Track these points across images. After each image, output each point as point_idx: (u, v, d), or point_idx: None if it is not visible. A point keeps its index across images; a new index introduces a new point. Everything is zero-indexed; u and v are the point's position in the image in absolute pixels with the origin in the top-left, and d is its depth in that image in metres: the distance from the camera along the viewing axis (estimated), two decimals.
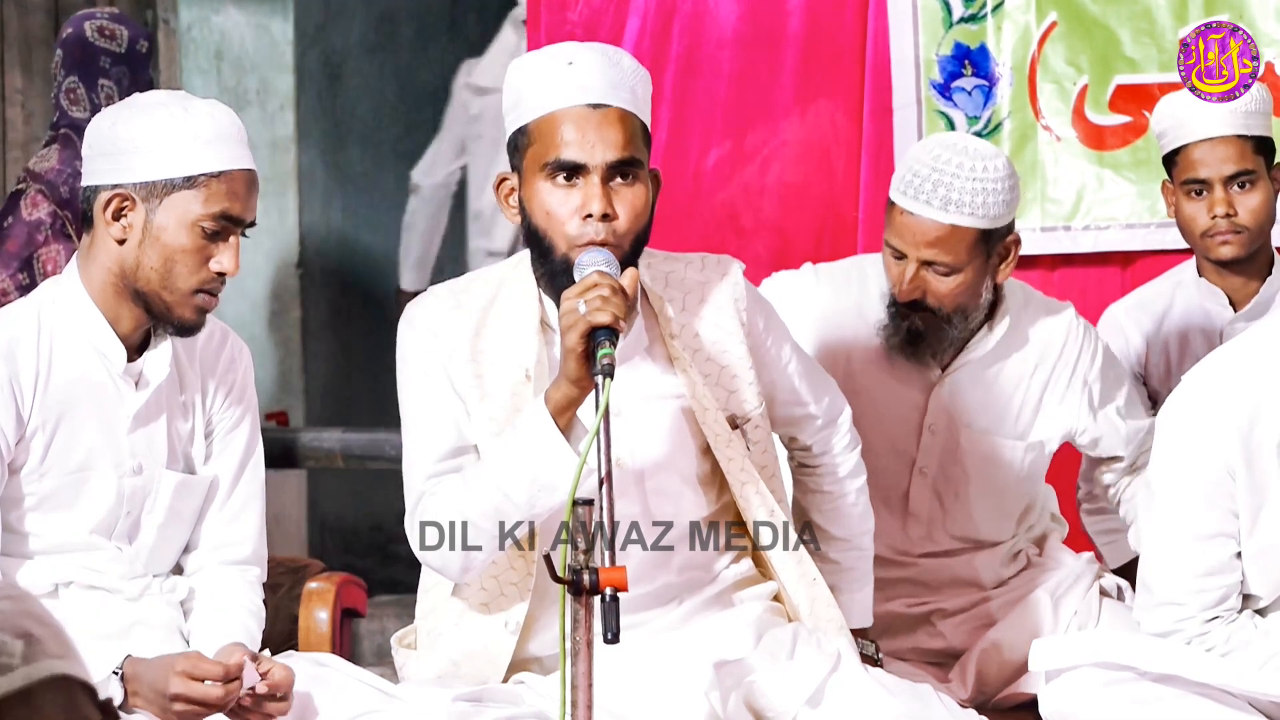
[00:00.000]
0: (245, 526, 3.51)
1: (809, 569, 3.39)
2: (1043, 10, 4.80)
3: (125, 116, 3.32)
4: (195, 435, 3.49)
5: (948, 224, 3.81)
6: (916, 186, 3.83)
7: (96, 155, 3.33)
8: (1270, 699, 3.41)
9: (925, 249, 3.83)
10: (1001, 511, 4.07)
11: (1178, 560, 3.47)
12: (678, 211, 4.85)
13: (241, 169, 3.31)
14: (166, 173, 3.28)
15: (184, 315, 3.33)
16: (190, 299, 3.32)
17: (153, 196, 3.29)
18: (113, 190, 3.30)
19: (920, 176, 3.83)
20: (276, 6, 6.83)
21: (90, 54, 5.24)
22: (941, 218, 3.81)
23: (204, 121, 3.30)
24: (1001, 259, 3.89)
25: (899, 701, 3.21)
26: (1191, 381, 3.51)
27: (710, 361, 3.36)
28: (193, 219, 3.28)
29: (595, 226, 3.17)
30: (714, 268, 3.43)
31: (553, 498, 3.12)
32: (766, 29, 4.93)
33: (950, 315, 3.89)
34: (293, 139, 6.83)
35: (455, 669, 3.30)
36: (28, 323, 3.36)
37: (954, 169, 3.81)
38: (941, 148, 3.88)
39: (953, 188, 3.80)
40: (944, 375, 3.99)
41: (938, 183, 3.81)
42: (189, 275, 3.30)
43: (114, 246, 3.32)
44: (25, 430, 3.33)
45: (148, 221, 3.29)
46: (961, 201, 3.80)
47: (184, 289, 3.31)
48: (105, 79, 5.20)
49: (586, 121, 3.20)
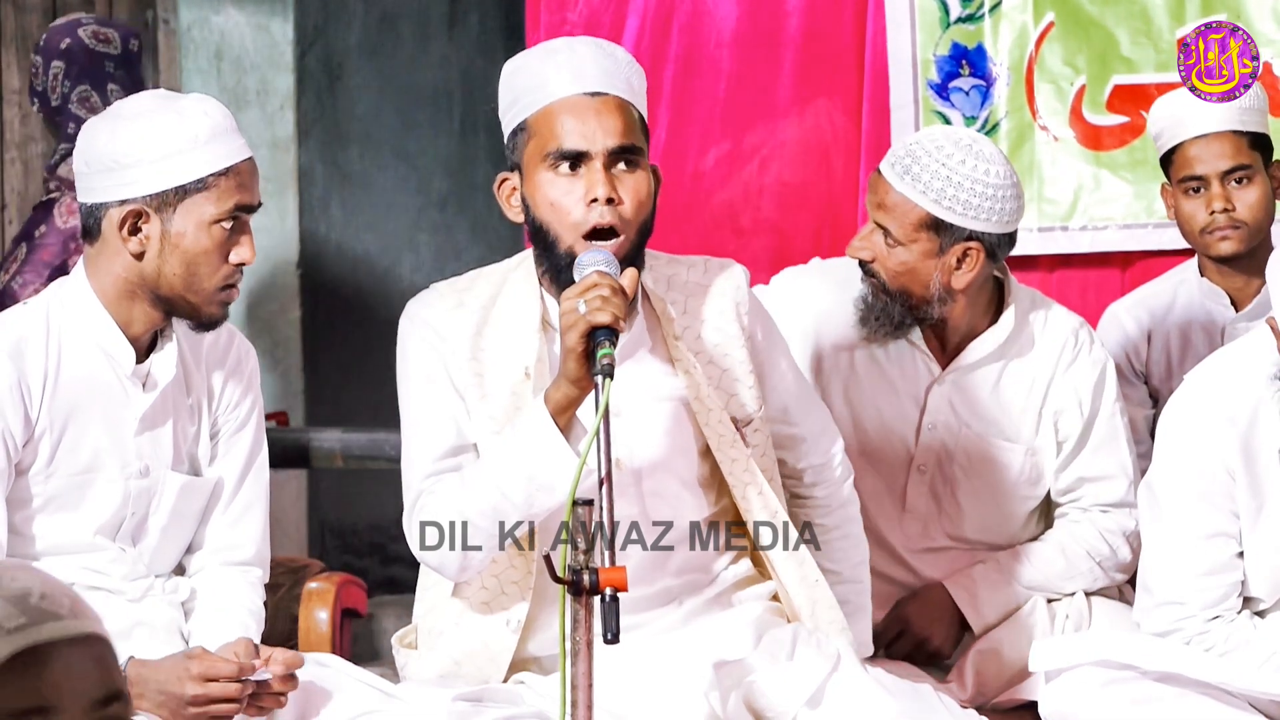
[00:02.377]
0: (249, 527, 3.52)
1: (810, 570, 3.38)
2: (1040, 10, 4.80)
3: (119, 130, 3.31)
4: (201, 436, 3.49)
5: (900, 192, 3.83)
6: (897, 155, 3.89)
7: (95, 172, 3.31)
8: (1270, 698, 3.41)
9: (877, 211, 3.88)
10: (1001, 514, 4.05)
11: (1179, 559, 3.48)
12: (677, 211, 4.85)
13: (244, 159, 3.33)
14: (175, 180, 3.28)
15: (211, 313, 3.36)
16: (216, 296, 3.34)
17: (165, 206, 3.29)
18: (122, 206, 3.30)
19: (904, 148, 3.89)
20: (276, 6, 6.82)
21: (95, 60, 5.29)
22: (896, 184, 3.85)
23: (199, 121, 3.30)
24: (958, 261, 3.88)
25: (899, 702, 3.22)
26: (1192, 383, 3.52)
27: (712, 364, 3.36)
28: (209, 220, 3.29)
29: (601, 210, 3.17)
30: (717, 271, 3.43)
31: (551, 497, 3.12)
32: (766, 29, 4.93)
33: (893, 291, 3.90)
34: (293, 139, 6.82)
35: (456, 668, 3.30)
36: (36, 323, 3.36)
37: (932, 149, 3.84)
38: (940, 131, 3.94)
39: (921, 164, 3.83)
40: (944, 374, 4.00)
41: (913, 156, 3.85)
42: (212, 274, 3.32)
43: (130, 259, 3.31)
44: (33, 431, 3.33)
45: (165, 231, 3.29)
46: (920, 177, 3.82)
47: (209, 289, 3.32)
48: (111, 82, 5.26)
49: (585, 109, 3.20)
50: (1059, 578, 3.98)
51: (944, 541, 4.05)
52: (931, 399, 3.99)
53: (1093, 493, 4.03)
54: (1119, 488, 4.01)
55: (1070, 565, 3.98)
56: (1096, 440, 4.01)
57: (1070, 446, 4.01)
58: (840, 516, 3.61)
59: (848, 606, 3.50)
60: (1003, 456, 4.00)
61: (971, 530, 4.05)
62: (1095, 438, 4.01)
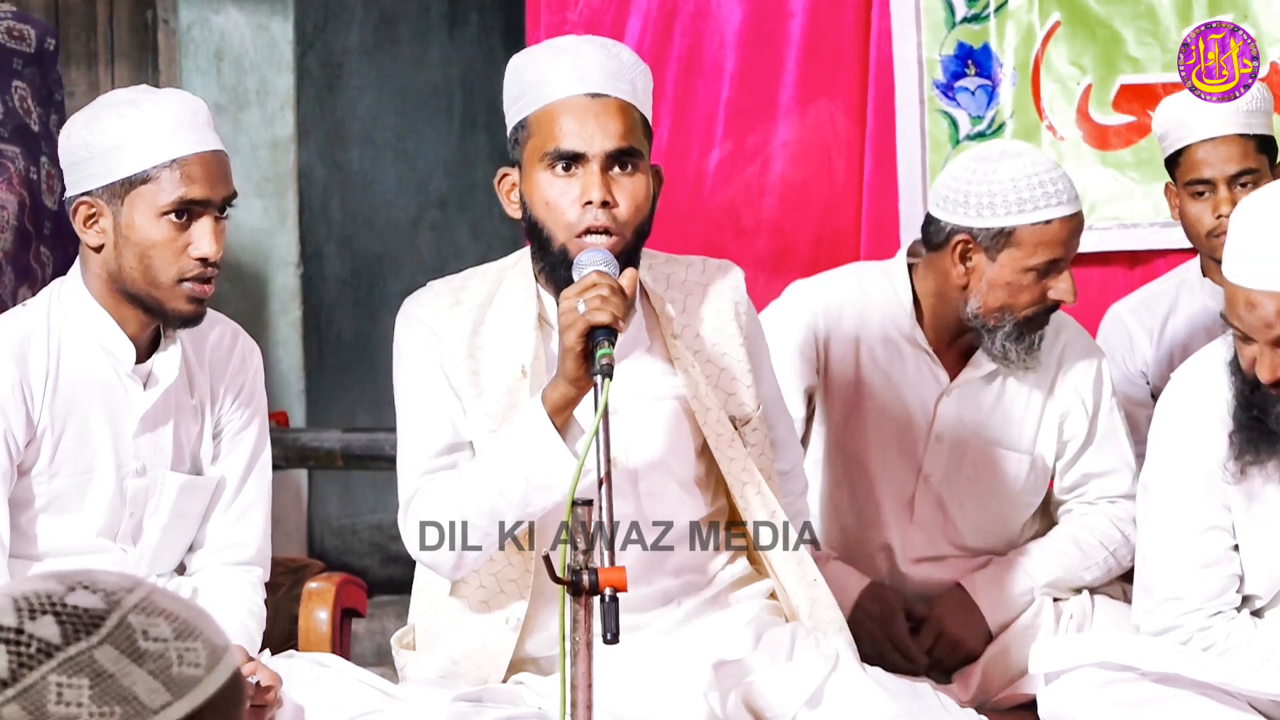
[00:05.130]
0: (250, 527, 3.51)
1: (809, 569, 3.38)
2: (1046, 10, 4.80)
3: (83, 122, 3.33)
4: (204, 436, 3.48)
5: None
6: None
7: (67, 166, 3.35)
8: (1270, 698, 3.40)
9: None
10: (1002, 522, 4.05)
11: (1176, 555, 3.48)
12: (678, 211, 4.84)
13: (195, 153, 3.29)
14: (122, 172, 3.28)
15: (178, 307, 3.32)
16: (177, 289, 3.30)
17: (115, 198, 3.29)
18: (79, 199, 3.31)
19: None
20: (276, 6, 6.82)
21: (4, 56, 4.92)
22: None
23: (153, 114, 3.29)
24: (953, 259, 3.88)
25: (897, 702, 3.21)
26: (1182, 378, 3.52)
27: (711, 363, 3.35)
28: (157, 212, 3.27)
29: (595, 213, 3.17)
30: (715, 271, 3.43)
31: (548, 497, 3.12)
32: (768, 29, 4.93)
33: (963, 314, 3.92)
34: (293, 139, 6.81)
35: (455, 668, 3.29)
36: (37, 323, 3.37)
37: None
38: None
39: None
40: (953, 384, 3.98)
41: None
42: (168, 266, 3.29)
43: (95, 254, 3.32)
44: (35, 431, 3.33)
45: (117, 224, 3.29)
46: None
47: (166, 281, 3.30)
48: (18, 80, 4.92)
49: (585, 111, 3.20)
50: (1077, 568, 3.97)
51: (947, 550, 4.04)
52: (941, 408, 3.97)
53: (1098, 487, 4.03)
54: (1123, 480, 4.01)
55: (1086, 556, 3.97)
56: (1100, 435, 4.02)
57: (1077, 445, 4.01)
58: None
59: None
60: (1007, 465, 3.99)
61: (973, 538, 4.04)
62: (1099, 433, 4.02)
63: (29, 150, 4.80)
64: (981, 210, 3.83)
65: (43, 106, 4.88)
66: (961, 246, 3.86)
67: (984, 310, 3.87)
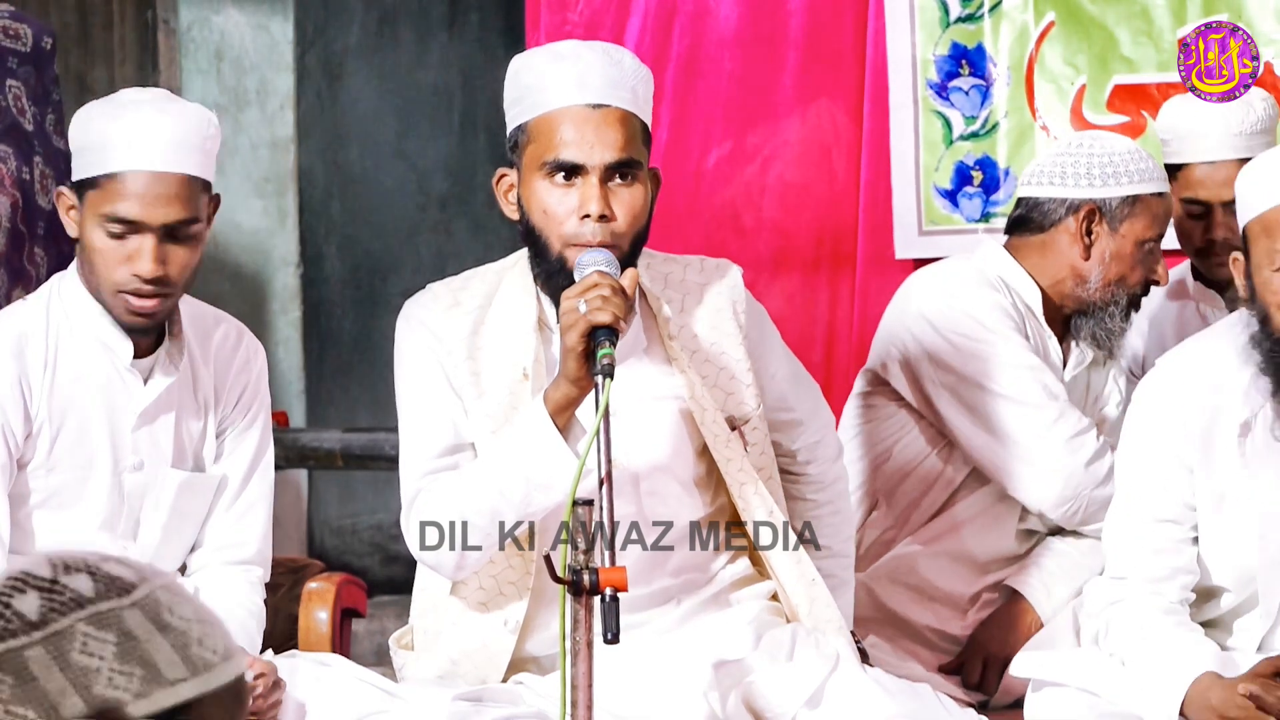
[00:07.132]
0: (252, 527, 3.51)
1: (808, 569, 3.38)
2: (1040, 10, 4.80)
3: (82, 113, 3.36)
4: (207, 435, 3.48)
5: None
6: None
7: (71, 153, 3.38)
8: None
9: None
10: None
11: (1129, 537, 3.50)
12: (678, 211, 4.85)
13: (139, 170, 3.25)
14: (85, 171, 3.30)
15: (119, 314, 3.32)
16: (118, 298, 3.30)
17: (79, 194, 3.31)
18: (60, 187, 3.36)
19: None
20: (276, 6, 6.82)
21: None
22: None
23: (128, 121, 3.28)
24: (1078, 232, 3.92)
25: (897, 702, 3.22)
26: (1158, 373, 3.53)
27: (708, 363, 3.36)
28: (97, 218, 3.28)
29: (592, 227, 3.17)
30: (713, 270, 3.43)
31: (549, 497, 3.12)
32: (767, 29, 4.93)
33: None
34: (293, 139, 6.82)
35: (454, 668, 3.30)
36: (36, 318, 3.37)
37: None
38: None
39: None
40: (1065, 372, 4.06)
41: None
42: (108, 274, 3.29)
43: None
44: (33, 426, 3.33)
45: (80, 219, 3.31)
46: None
47: (108, 288, 3.30)
48: (12, 79, 4.90)
49: (586, 122, 3.20)
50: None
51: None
52: None
53: None
54: None
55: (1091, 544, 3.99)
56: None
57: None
58: (832, 493, 3.60)
59: (833, 580, 3.50)
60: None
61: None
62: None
63: (21, 150, 4.79)
64: (1107, 180, 3.89)
65: (38, 106, 4.87)
66: (1088, 217, 3.89)
67: (1104, 283, 3.90)
